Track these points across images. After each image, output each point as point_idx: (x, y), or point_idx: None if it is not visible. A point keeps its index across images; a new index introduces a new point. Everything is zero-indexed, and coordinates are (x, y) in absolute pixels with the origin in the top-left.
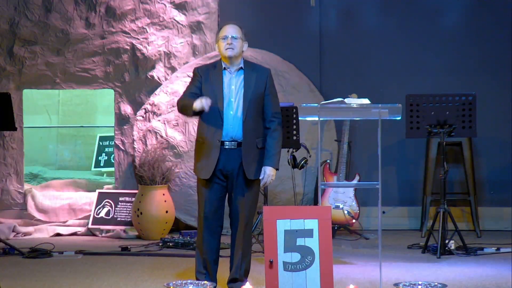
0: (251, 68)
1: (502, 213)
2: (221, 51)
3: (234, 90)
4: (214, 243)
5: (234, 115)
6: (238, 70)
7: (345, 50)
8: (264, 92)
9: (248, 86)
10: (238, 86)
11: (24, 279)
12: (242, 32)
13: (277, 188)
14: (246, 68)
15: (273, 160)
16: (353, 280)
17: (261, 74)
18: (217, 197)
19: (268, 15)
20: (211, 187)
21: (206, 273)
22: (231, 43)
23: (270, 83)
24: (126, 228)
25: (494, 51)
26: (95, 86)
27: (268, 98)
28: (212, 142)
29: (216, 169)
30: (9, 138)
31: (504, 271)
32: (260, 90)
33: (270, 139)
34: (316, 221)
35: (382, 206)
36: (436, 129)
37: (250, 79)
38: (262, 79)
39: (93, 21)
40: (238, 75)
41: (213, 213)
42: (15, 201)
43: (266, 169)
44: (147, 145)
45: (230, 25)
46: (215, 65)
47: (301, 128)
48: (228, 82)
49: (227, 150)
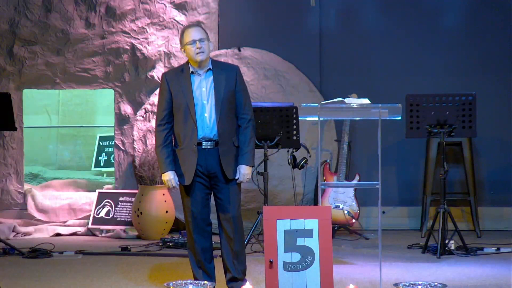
0: (219, 67)
1: (502, 213)
2: (190, 56)
3: (205, 92)
4: (205, 243)
5: (208, 117)
6: (206, 72)
7: (345, 50)
8: (235, 89)
9: (219, 86)
10: (208, 87)
11: (24, 279)
12: (205, 31)
13: (277, 188)
14: (214, 69)
15: (245, 158)
16: (353, 280)
17: (230, 72)
18: (202, 196)
19: (268, 15)
20: (194, 187)
21: (203, 273)
22: (201, 47)
23: (239, 79)
24: (126, 228)
25: (494, 51)
26: (95, 86)
27: (238, 95)
28: (189, 147)
29: (196, 170)
30: (9, 138)
31: (504, 271)
32: (230, 88)
33: (241, 136)
34: (316, 221)
35: (382, 206)
36: (436, 129)
37: (219, 79)
38: (231, 77)
39: (93, 21)
40: (207, 77)
41: (199, 212)
42: (15, 201)
43: (241, 168)
44: (147, 145)
45: (194, 28)
46: (183, 69)
47: (301, 128)
48: (198, 85)
49: (205, 151)
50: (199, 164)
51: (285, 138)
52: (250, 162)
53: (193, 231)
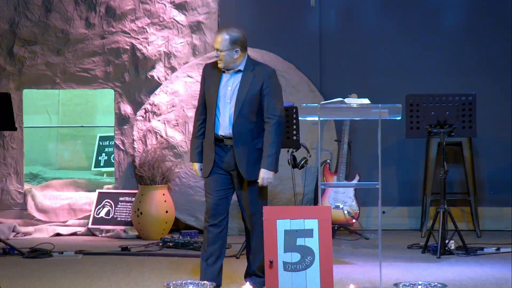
0: (251, 68)
1: (502, 213)
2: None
3: (229, 91)
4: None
5: (229, 116)
6: (237, 72)
7: (345, 50)
8: (261, 93)
9: (243, 87)
10: (234, 87)
11: (24, 279)
12: (231, 41)
13: (277, 188)
14: (246, 69)
15: (266, 162)
16: (353, 280)
17: (260, 74)
18: (219, 189)
19: (268, 15)
20: (213, 180)
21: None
22: (218, 56)
23: (268, 83)
24: (126, 228)
25: (494, 51)
26: (95, 86)
27: (264, 98)
28: (209, 142)
29: (214, 165)
30: (9, 138)
31: (504, 271)
32: (255, 90)
33: (265, 140)
34: (316, 221)
35: (382, 206)
36: (436, 129)
37: (246, 80)
38: (259, 79)
39: (93, 21)
40: (236, 77)
41: (214, 205)
42: (15, 201)
43: (260, 172)
44: (147, 145)
45: (218, 35)
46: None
47: (301, 128)
48: (225, 84)
49: (227, 147)
50: (219, 160)
51: (285, 138)
52: (270, 166)
53: (208, 221)
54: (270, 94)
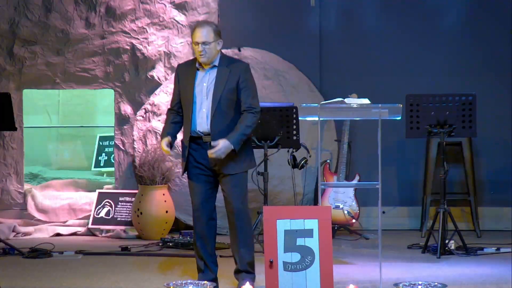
0: (226, 64)
1: (502, 213)
2: (196, 54)
3: (205, 88)
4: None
5: (206, 112)
6: (211, 68)
7: (345, 50)
8: (238, 87)
9: (219, 83)
10: (209, 83)
11: (24, 279)
12: (215, 32)
13: (277, 188)
14: (220, 65)
15: (233, 136)
16: (353, 280)
17: (235, 69)
18: (203, 189)
19: (268, 15)
20: (195, 180)
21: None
22: (202, 50)
23: (244, 77)
24: (126, 228)
25: (494, 51)
26: (95, 86)
27: (241, 92)
28: (184, 140)
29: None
30: (9, 138)
31: (504, 271)
32: (231, 85)
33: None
34: (316, 221)
35: (382, 206)
36: (436, 129)
37: (222, 76)
38: (235, 74)
39: (93, 21)
40: (211, 73)
41: (201, 205)
42: (15, 201)
43: (221, 141)
44: (147, 145)
45: (201, 29)
46: (193, 62)
47: (301, 128)
48: (200, 81)
49: (201, 144)
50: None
51: (285, 138)
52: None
53: (195, 223)
54: (247, 88)
